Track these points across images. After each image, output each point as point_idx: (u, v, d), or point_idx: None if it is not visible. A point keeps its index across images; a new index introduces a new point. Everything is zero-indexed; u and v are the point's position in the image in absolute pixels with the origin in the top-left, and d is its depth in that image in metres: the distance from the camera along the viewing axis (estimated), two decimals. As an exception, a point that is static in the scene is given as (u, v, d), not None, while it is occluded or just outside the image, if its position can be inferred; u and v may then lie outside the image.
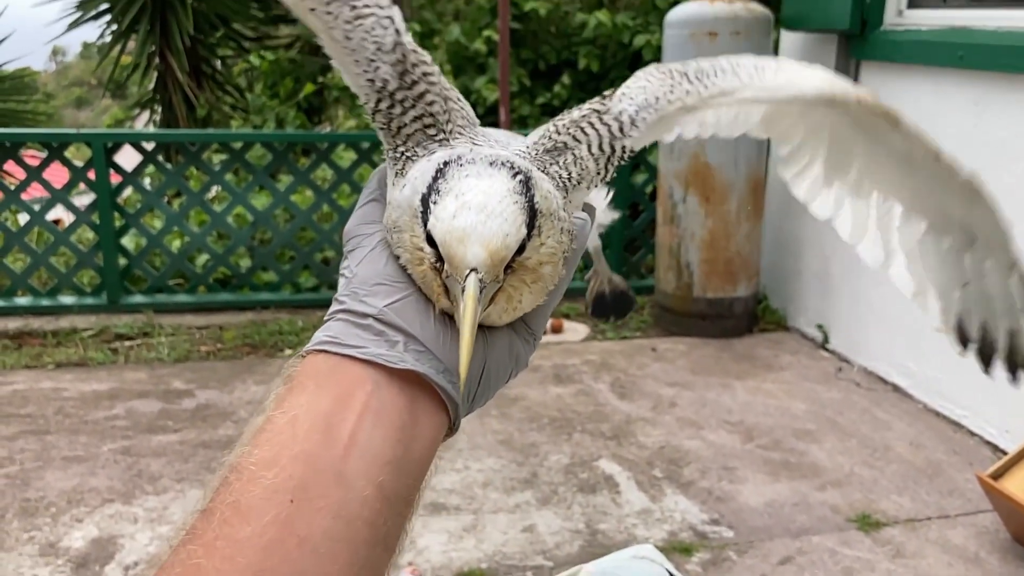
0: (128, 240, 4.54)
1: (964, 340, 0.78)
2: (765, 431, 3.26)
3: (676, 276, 4.20)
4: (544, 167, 0.59)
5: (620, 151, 0.63)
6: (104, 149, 4.27)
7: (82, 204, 4.49)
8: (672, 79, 0.65)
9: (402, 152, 0.60)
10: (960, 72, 3.19)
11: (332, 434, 0.50)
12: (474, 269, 0.50)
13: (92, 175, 4.30)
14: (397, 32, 0.60)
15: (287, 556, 0.46)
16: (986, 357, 0.78)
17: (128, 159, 4.39)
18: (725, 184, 4.01)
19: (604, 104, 0.63)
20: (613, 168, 0.63)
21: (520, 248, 0.52)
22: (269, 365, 3.89)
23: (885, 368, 3.69)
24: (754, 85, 0.66)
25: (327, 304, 0.58)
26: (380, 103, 0.60)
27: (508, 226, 0.50)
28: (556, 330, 4.26)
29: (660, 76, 0.65)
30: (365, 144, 4.59)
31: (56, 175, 4.37)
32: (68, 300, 4.42)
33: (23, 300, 4.41)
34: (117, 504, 2.73)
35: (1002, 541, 2.58)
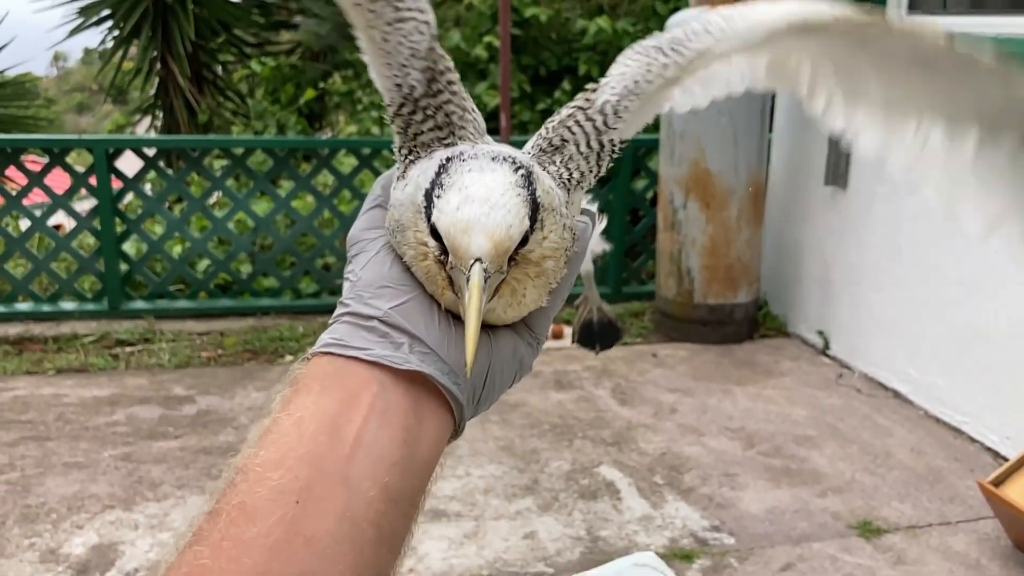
0: (129, 246, 4.55)
1: None
2: (766, 437, 3.26)
3: (677, 282, 4.20)
4: (543, 166, 0.59)
5: (609, 145, 0.62)
6: (106, 155, 4.28)
7: (83, 210, 4.50)
8: (648, 56, 0.63)
9: (405, 155, 0.61)
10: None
11: (338, 435, 0.50)
12: (478, 259, 0.50)
13: (93, 181, 4.31)
14: (432, 38, 0.60)
15: (293, 557, 0.47)
16: None
17: (129, 165, 4.40)
18: (726, 190, 4.02)
19: (588, 100, 0.63)
20: (606, 163, 0.63)
21: (523, 241, 0.52)
22: (270, 371, 3.89)
23: (886, 374, 3.69)
24: (727, 37, 0.64)
25: (328, 310, 0.59)
26: (403, 107, 0.61)
27: (511, 217, 0.51)
28: (557, 336, 4.26)
29: (637, 57, 0.64)
30: (366, 150, 4.60)
31: (57, 181, 4.37)
32: (69, 306, 4.42)
33: (24, 306, 4.41)
34: (118, 510, 2.73)
35: (1003, 548, 2.58)
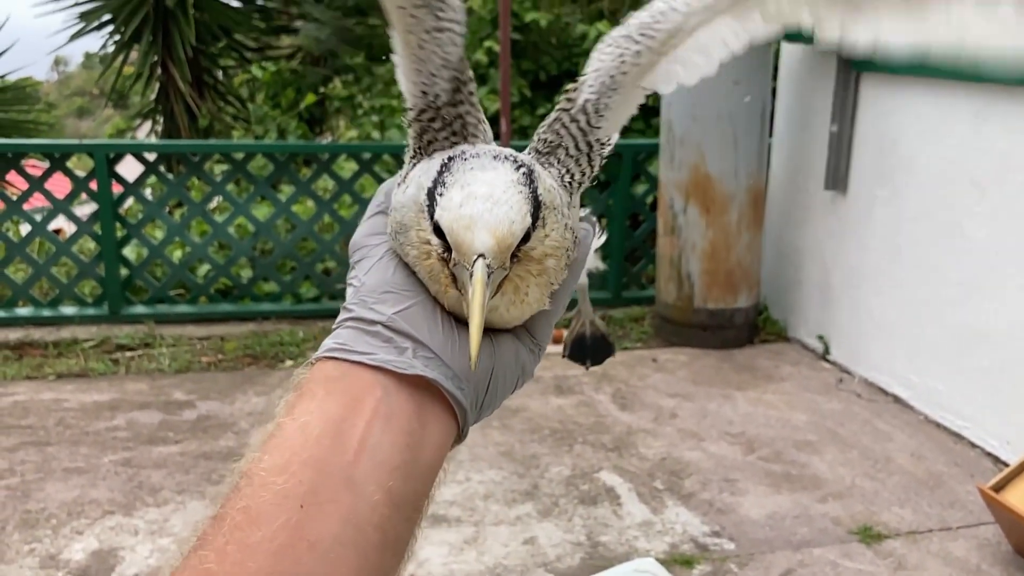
0: (129, 250, 4.55)
1: None
2: (766, 442, 3.26)
3: (677, 287, 4.20)
4: (544, 167, 0.60)
5: (597, 145, 0.62)
6: (106, 159, 4.28)
7: (83, 214, 4.50)
8: (619, 48, 0.62)
9: (411, 159, 0.61)
10: (960, 84, 3.20)
11: (342, 439, 0.50)
12: (481, 255, 0.50)
13: (94, 185, 4.31)
14: (463, 49, 0.61)
15: (297, 561, 0.47)
16: None
17: (130, 169, 4.40)
18: (725, 195, 4.02)
19: (571, 100, 0.63)
20: (598, 163, 0.63)
21: (525, 238, 0.52)
22: (270, 376, 3.89)
23: (886, 379, 3.68)
24: (694, 9, 0.62)
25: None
26: (423, 113, 0.61)
27: (513, 214, 0.51)
28: (558, 341, 4.24)
29: (609, 50, 0.63)
30: (366, 155, 4.60)
31: (58, 185, 4.37)
32: (69, 311, 4.42)
33: (24, 311, 4.41)
34: (118, 516, 2.72)
35: (1004, 553, 2.58)
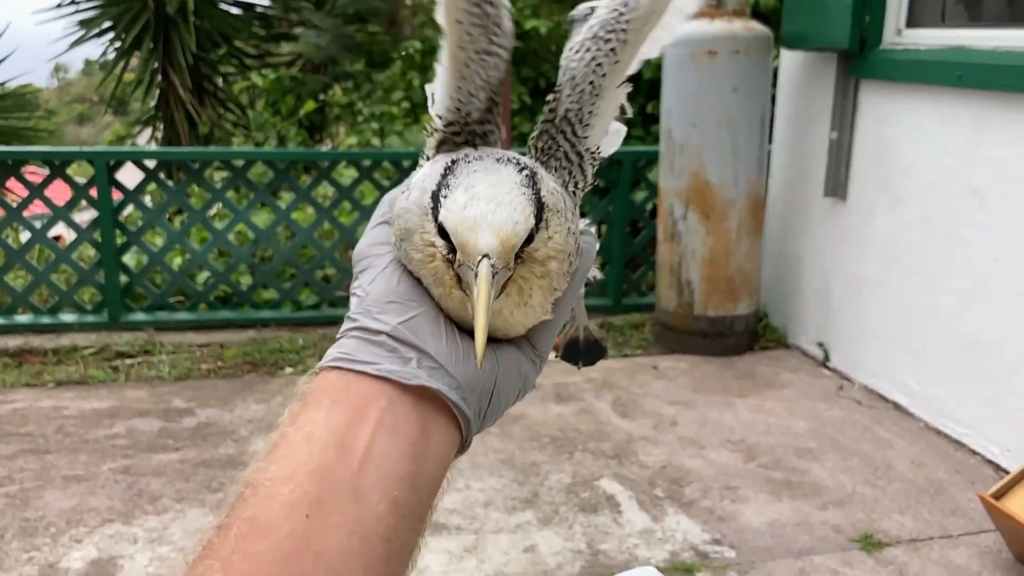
0: (129, 257, 4.55)
1: None
2: (767, 450, 3.25)
3: (677, 294, 4.20)
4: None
5: (588, 155, 0.63)
6: (106, 167, 4.28)
7: (83, 221, 4.50)
8: (589, 52, 0.61)
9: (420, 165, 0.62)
10: (959, 91, 3.20)
11: (347, 449, 0.51)
12: (486, 255, 0.51)
13: (94, 192, 4.31)
14: (504, 73, 0.61)
15: (303, 572, 0.47)
16: None
17: (130, 176, 4.41)
18: (725, 202, 4.02)
19: (552, 111, 0.62)
20: (591, 171, 0.63)
21: (529, 239, 0.53)
22: (270, 383, 3.88)
23: (886, 386, 3.68)
24: None
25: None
26: (451, 126, 0.62)
27: (517, 215, 0.52)
28: (557, 348, 4.25)
29: (579, 56, 0.61)
30: (366, 162, 4.61)
31: (58, 192, 4.37)
32: (69, 318, 4.42)
33: (24, 318, 4.41)
34: (117, 524, 2.72)
35: (1004, 561, 2.57)
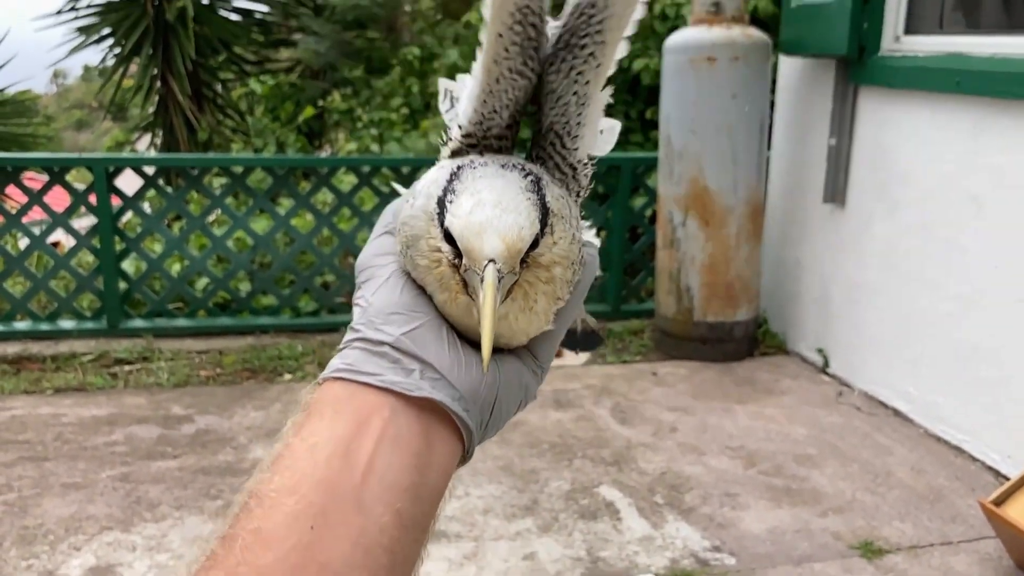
0: (128, 264, 4.54)
1: None
2: (766, 456, 3.25)
3: (676, 300, 4.20)
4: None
5: (580, 166, 0.63)
6: (105, 173, 4.28)
7: (82, 228, 4.50)
8: (568, 63, 0.60)
9: None
10: (957, 98, 3.21)
11: (351, 461, 0.51)
12: (492, 260, 0.52)
13: (93, 199, 4.31)
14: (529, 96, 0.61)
15: None
16: None
17: (129, 183, 4.40)
18: (724, 208, 4.02)
19: (538, 122, 0.63)
20: (585, 180, 0.64)
21: (534, 244, 0.54)
22: (268, 390, 3.88)
23: (886, 392, 3.68)
24: None
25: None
26: (468, 137, 0.62)
27: (523, 219, 0.52)
28: (556, 355, 4.24)
29: (556, 68, 0.60)
30: (366, 168, 4.61)
31: (57, 199, 4.37)
32: (68, 324, 4.41)
33: (22, 324, 4.40)
34: (115, 532, 2.71)
35: (1005, 568, 2.57)
